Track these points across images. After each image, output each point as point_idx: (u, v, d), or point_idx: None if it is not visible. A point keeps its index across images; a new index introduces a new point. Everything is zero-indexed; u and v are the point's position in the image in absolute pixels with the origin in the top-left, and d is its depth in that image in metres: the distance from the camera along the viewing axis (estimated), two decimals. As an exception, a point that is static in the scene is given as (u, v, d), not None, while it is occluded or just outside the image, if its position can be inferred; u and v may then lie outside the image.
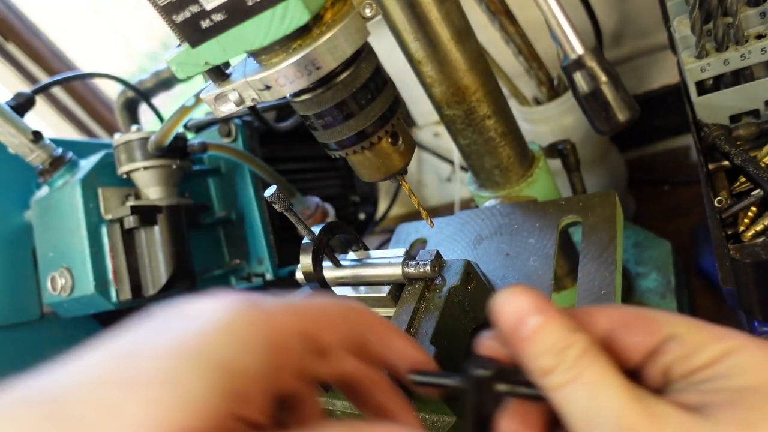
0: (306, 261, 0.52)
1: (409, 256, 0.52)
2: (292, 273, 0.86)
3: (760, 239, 0.49)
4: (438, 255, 0.51)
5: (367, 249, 0.57)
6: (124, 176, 0.72)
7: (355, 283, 0.54)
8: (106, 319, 0.80)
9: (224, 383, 0.24)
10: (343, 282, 0.55)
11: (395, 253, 0.52)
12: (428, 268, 0.50)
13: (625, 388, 0.25)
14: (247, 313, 0.26)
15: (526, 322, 0.27)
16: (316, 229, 0.52)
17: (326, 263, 0.54)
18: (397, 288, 0.52)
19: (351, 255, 0.56)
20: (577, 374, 0.26)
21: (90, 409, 0.24)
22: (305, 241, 0.52)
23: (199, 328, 0.25)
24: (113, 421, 0.23)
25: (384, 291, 0.52)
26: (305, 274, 0.52)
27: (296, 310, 0.29)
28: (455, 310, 0.49)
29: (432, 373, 0.32)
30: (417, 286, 0.51)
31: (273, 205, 0.49)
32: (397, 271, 0.51)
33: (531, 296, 0.28)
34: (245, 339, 0.26)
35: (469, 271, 0.51)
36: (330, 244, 0.54)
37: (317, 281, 0.52)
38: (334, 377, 0.32)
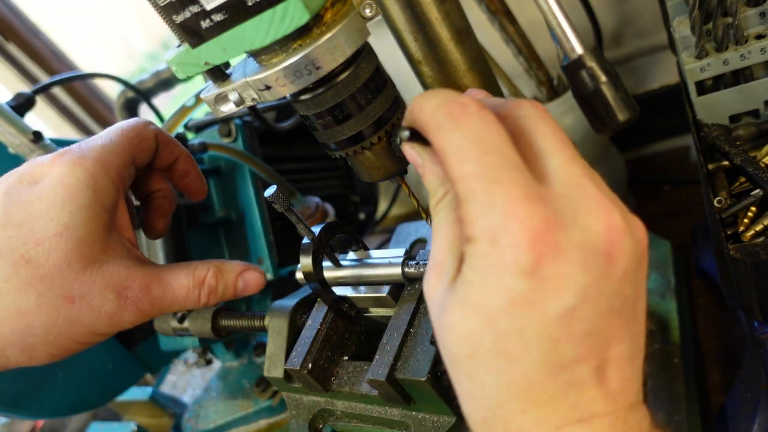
0: (306, 261, 0.52)
1: (409, 256, 0.52)
2: (292, 273, 0.86)
3: (760, 239, 0.49)
4: (438, 255, 0.51)
5: (367, 249, 0.57)
6: (124, 176, 0.72)
7: (355, 283, 0.54)
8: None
9: (98, 213, 0.40)
10: (343, 282, 0.55)
11: (395, 253, 0.52)
12: (428, 268, 0.50)
13: (443, 243, 0.34)
14: (81, 177, 0.39)
15: (417, 168, 0.37)
16: (316, 229, 0.52)
17: (326, 263, 0.54)
18: (397, 288, 0.52)
19: (351, 255, 0.56)
20: (434, 214, 0.36)
21: (17, 266, 0.37)
22: (305, 241, 0.52)
23: (60, 194, 0.38)
24: (48, 264, 0.37)
25: (384, 291, 0.52)
26: (305, 274, 0.52)
27: (111, 152, 0.42)
28: (455, 310, 0.49)
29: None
30: (417, 286, 0.51)
31: (273, 205, 0.49)
32: (396, 271, 0.51)
33: (417, 152, 0.37)
34: (88, 193, 0.39)
35: (469, 271, 0.51)
36: (330, 244, 0.54)
37: (317, 281, 0.52)
38: (150, 190, 0.51)
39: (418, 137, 0.35)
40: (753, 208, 0.52)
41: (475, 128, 0.30)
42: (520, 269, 0.28)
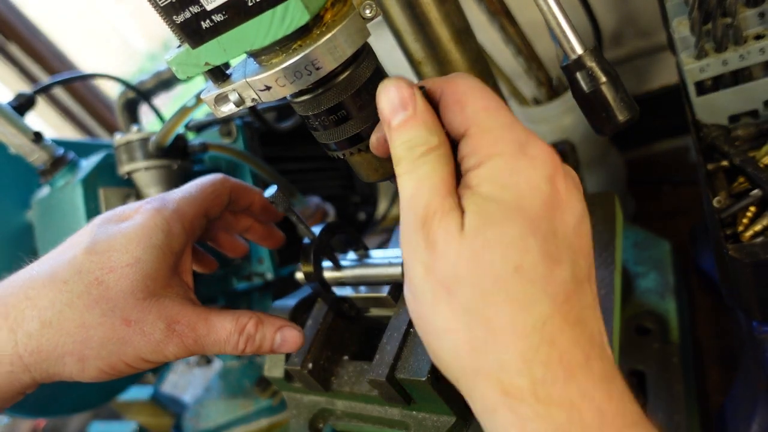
0: (306, 261, 0.52)
1: (409, 256, 0.52)
2: (292, 273, 0.86)
3: (759, 239, 0.50)
4: (438, 255, 0.51)
5: (367, 249, 0.57)
6: (125, 176, 0.72)
7: (355, 283, 0.54)
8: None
9: (166, 254, 0.45)
10: (343, 282, 0.55)
11: (395, 253, 0.52)
12: (428, 268, 0.50)
13: (441, 189, 0.33)
14: (158, 222, 0.45)
15: (397, 114, 0.34)
16: (317, 230, 0.52)
17: (326, 263, 0.54)
18: (397, 288, 0.52)
19: (351, 255, 0.56)
20: (414, 168, 0.34)
21: (90, 286, 0.42)
22: (305, 241, 0.52)
23: (139, 233, 0.44)
24: (116, 289, 0.43)
25: (384, 291, 0.52)
26: (305, 274, 0.52)
27: (188, 204, 0.48)
28: (455, 309, 0.49)
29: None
30: (417, 286, 0.51)
31: (273, 205, 0.49)
32: (397, 271, 0.51)
33: (405, 90, 0.34)
34: (162, 236, 0.45)
35: (469, 271, 0.51)
36: (330, 245, 0.54)
37: (317, 281, 0.52)
38: (240, 230, 0.58)
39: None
40: (752, 208, 0.52)
41: (481, 83, 0.36)
42: (546, 176, 0.32)
